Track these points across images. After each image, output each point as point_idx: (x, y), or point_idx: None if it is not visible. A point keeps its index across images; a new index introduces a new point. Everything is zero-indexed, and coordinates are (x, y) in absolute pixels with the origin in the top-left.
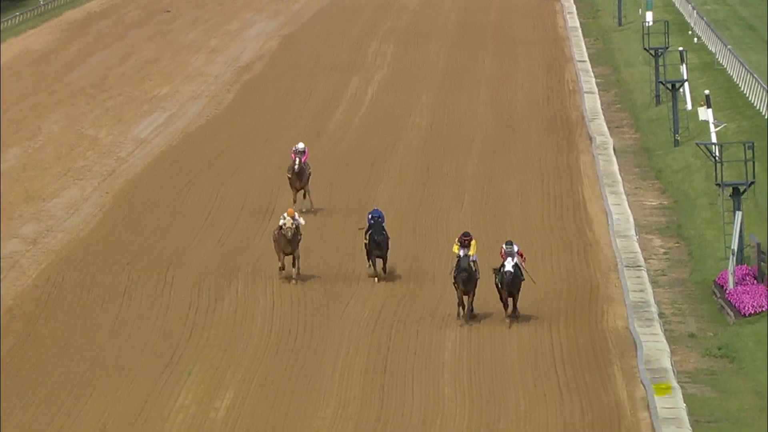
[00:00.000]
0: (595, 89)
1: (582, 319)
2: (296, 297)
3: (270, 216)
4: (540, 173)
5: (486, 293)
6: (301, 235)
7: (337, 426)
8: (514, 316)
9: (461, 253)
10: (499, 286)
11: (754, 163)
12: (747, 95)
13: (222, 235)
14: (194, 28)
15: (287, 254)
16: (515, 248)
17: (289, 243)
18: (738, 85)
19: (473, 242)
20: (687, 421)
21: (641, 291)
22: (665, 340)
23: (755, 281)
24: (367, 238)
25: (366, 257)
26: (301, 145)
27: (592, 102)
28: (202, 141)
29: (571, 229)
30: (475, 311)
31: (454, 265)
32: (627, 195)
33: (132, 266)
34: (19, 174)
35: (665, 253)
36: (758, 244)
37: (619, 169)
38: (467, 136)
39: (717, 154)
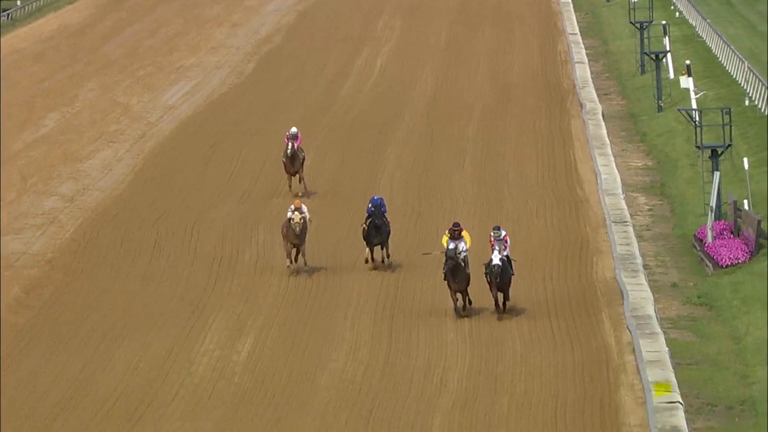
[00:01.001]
0: (585, 60)
1: (573, 271)
2: (311, 251)
3: (287, 178)
4: (534, 137)
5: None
6: (308, 228)
7: (349, 368)
8: (504, 310)
9: (450, 245)
10: (489, 279)
11: (731, 127)
12: (724, 65)
13: (243, 194)
14: (218, 4)
15: (294, 246)
16: (503, 233)
17: (297, 236)
18: (716, 55)
19: (465, 233)
20: (669, 363)
21: (627, 244)
22: (649, 290)
23: (732, 236)
24: (367, 224)
25: (366, 244)
26: (293, 130)
27: (582, 71)
28: (224, 107)
29: (563, 188)
30: (472, 305)
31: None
32: (614, 156)
33: (161, 222)
34: (57, 137)
35: (649, 210)
36: (734, 202)
37: (607, 133)
38: (468, 103)
39: (697, 119)
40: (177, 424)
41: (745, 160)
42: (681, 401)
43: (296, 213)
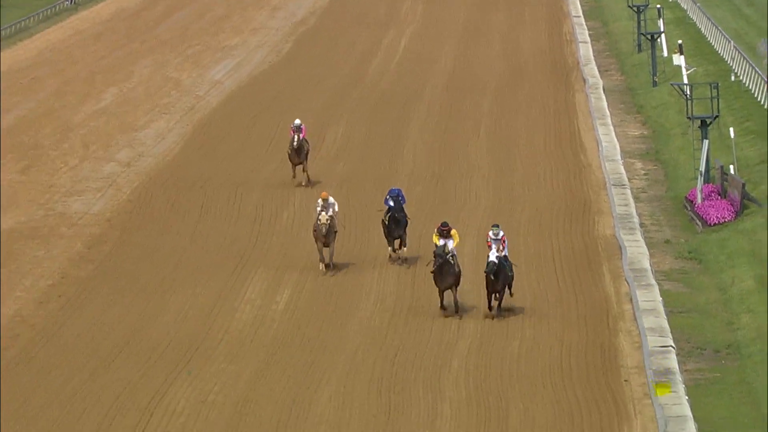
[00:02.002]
0: (588, 39)
1: (576, 229)
2: (344, 213)
3: (321, 144)
4: (543, 109)
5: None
6: (336, 229)
7: (376, 316)
8: (498, 312)
9: (440, 242)
10: (486, 277)
11: (718, 100)
12: (713, 44)
13: (282, 160)
14: None
15: (325, 246)
16: (501, 233)
17: (325, 236)
18: (705, 36)
19: (454, 232)
20: (663, 311)
21: (626, 205)
22: (645, 246)
23: (719, 197)
24: (387, 218)
25: (385, 238)
26: (297, 122)
27: (585, 50)
28: (264, 83)
29: (568, 155)
30: (461, 305)
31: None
32: (614, 126)
33: (207, 185)
34: (115, 109)
35: (645, 174)
36: (721, 167)
37: (608, 105)
38: (483, 78)
39: (688, 92)
40: (222, 365)
41: (731, 129)
42: (673, 345)
43: (323, 214)
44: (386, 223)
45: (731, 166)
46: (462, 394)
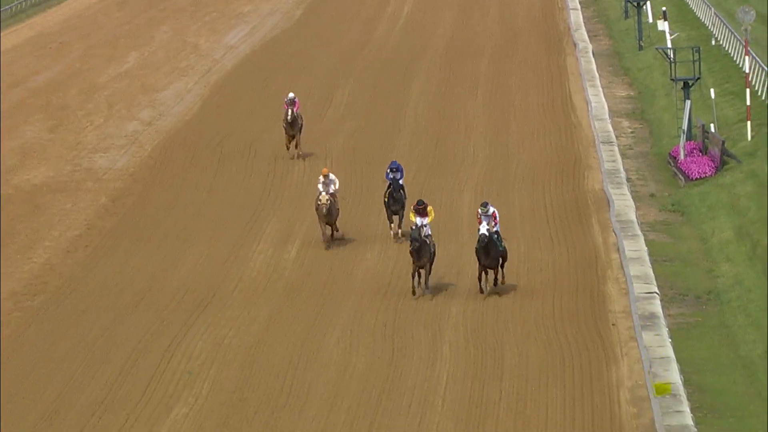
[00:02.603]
0: (579, 7)
1: (568, 183)
2: (348, 175)
3: (329, 104)
4: (536, 71)
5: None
6: (338, 207)
7: (380, 264)
8: (493, 288)
9: (417, 221)
10: (476, 251)
11: (700, 63)
12: (695, 11)
13: None
14: None
15: (327, 224)
16: (491, 209)
17: (327, 216)
18: (688, 3)
19: (430, 209)
20: (648, 260)
21: (613, 161)
22: (631, 199)
23: (700, 154)
24: (387, 195)
25: (387, 214)
26: (291, 95)
27: (576, 17)
28: (276, 47)
29: (559, 114)
30: (431, 285)
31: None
32: (602, 88)
33: (224, 143)
34: (137, 71)
35: (632, 132)
36: (702, 125)
37: (597, 68)
38: (480, 43)
39: (671, 56)
40: (237, 311)
41: (712, 90)
42: (657, 292)
43: (323, 194)
44: (386, 200)
45: (712, 125)
46: (460, 337)
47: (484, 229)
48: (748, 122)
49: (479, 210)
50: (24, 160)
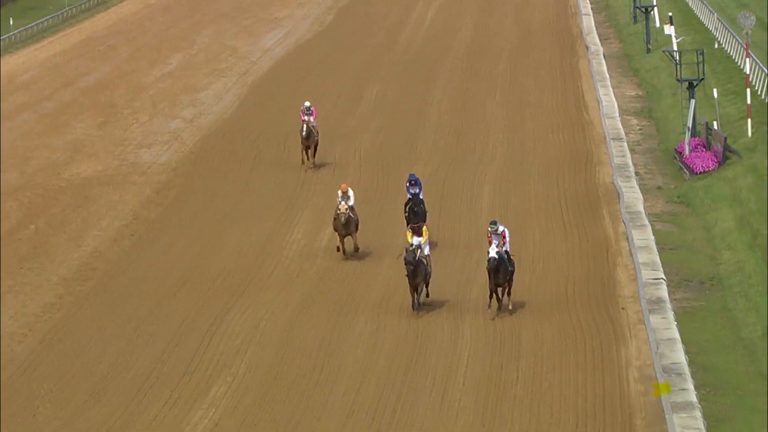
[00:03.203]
0: (591, 12)
1: (580, 177)
2: (376, 163)
3: (359, 102)
4: (550, 72)
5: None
6: (357, 219)
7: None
8: (501, 309)
9: (414, 241)
10: (487, 272)
11: (704, 64)
12: (699, 16)
13: (324, 116)
14: None
15: (344, 236)
16: (500, 228)
17: (344, 227)
18: (692, 9)
19: (425, 229)
20: (655, 248)
21: (623, 156)
22: (639, 191)
23: (704, 149)
24: (407, 210)
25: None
26: (307, 104)
27: (588, 21)
28: (310, 50)
29: (572, 112)
30: (429, 300)
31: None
32: (612, 88)
33: (260, 139)
34: (180, 72)
35: (640, 129)
36: (706, 123)
37: (607, 69)
38: (498, 45)
39: (677, 58)
40: (273, 294)
41: (715, 90)
42: (664, 278)
43: (342, 204)
44: (407, 215)
45: (715, 122)
46: (480, 318)
47: (493, 252)
48: (749, 120)
49: (489, 228)
50: (74, 154)
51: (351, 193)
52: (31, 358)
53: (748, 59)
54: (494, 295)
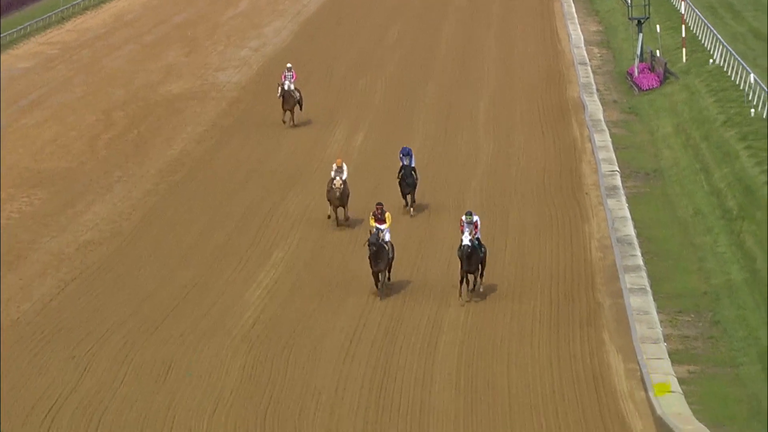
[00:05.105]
0: None
1: (554, 93)
2: (398, 83)
3: (384, 38)
4: (532, 13)
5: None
6: (348, 192)
7: (425, 147)
8: (473, 289)
9: (376, 226)
10: (459, 259)
11: (649, 6)
12: None
13: (361, 48)
14: None
15: (337, 207)
16: (474, 218)
17: (338, 199)
18: None
19: (387, 215)
20: (611, 147)
21: (587, 77)
22: (600, 104)
23: (649, 72)
24: (400, 177)
25: (401, 194)
26: (288, 65)
27: None
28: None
29: (548, 44)
30: (392, 282)
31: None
32: (579, 24)
33: (309, 63)
34: (248, 13)
35: (600, 57)
36: (651, 51)
37: (575, 10)
38: (487, 2)
39: (629, 2)
40: (318, 185)
41: (658, 26)
42: (618, 170)
43: (337, 179)
44: (399, 182)
45: (657, 51)
46: (477, 202)
47: (467, 239)
48: (683, 49)
49: (463, 218)
50: (167, 76)
51: (345, 167)
52: (134, 232)
53: (683, 2)
54: (465, 281)
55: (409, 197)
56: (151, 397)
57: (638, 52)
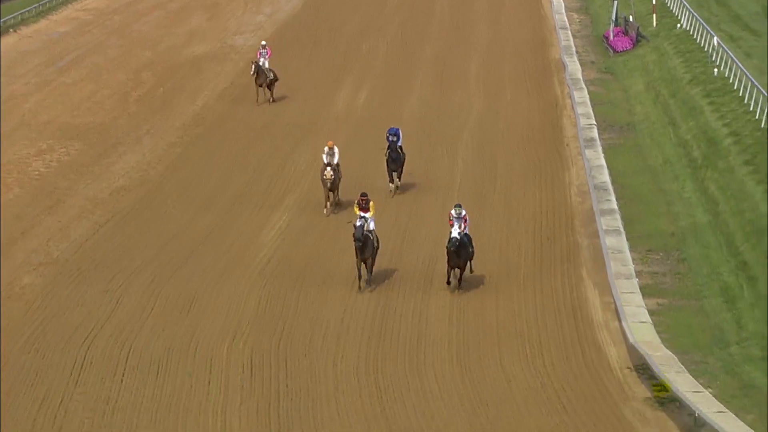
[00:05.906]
0: None
1: (537, 53)
2: (399, 45)
3: (385, 6)
4: None
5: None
6: (341, 176)
7: (418, 109)
8: (459, 285)
9: (360, 216)
10: (448, 252)
11: None
12: None
13: (367, 15)
14: None
15: (330, 191)
16: (463, 212)
17: (330, 185)
18: None
19: (371, 204)
20: (589, 103)
21: (567, 40)
22: (579, 64)
23: (623, 35)
24: (387, 155)
25: (387, 173)
26: (263, 43)
27: None
28: None
29: (534, 10)
30: (372, 277)
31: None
32: None
33: (318, 28)
34: None
35: (579, 22)
36: (624, 17)
37: None
38: None
39: None
40: (325, 138)
41: None
42: (596, 123)
43: (328, 170)
44: (386, 159)
45: (631, 16)
46: (468, 152)
47: (456, 232)
48: (654, 15)
49: (452, 212)
50: (190, 39)
51: (336, 150)
52: (160, 180)
53: None
54: (453, 273)
55: (395, 174)
56: (176, 326)
57: (613, 18)
